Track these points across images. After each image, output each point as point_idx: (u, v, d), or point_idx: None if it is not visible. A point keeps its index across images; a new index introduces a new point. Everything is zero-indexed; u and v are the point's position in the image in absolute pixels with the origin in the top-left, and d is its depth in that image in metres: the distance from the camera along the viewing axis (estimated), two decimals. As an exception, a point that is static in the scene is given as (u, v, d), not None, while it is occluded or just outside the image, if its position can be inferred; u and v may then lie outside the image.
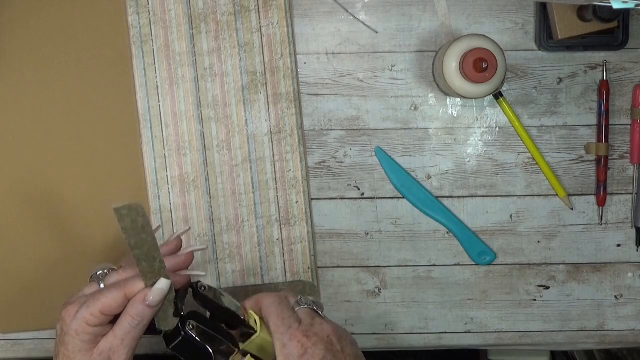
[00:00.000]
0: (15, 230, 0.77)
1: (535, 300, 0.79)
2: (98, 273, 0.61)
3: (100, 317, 0.57)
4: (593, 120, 0.77)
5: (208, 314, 0.61)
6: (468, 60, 0.68)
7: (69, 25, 0.76)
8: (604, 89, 0.76)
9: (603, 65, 0.76)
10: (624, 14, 0.74)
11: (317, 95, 0.78)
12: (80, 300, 0.58)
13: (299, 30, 0.77)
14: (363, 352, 0.82)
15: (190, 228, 0.75)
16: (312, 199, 0.78)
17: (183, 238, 0.68)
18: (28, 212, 0.77)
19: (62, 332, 0.58)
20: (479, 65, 0.67)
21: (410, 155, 0.78)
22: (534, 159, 0.77)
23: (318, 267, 0.79)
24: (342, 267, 0.79)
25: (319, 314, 0.62)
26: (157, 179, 0.77)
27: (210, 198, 0.77)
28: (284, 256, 0.78)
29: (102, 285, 0.60)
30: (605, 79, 0.76)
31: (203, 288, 0.61)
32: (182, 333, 0.58)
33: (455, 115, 0.78)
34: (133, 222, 0.55)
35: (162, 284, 0.58)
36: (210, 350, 0.59)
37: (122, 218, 0.55)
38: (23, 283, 0.77)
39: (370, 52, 0.77)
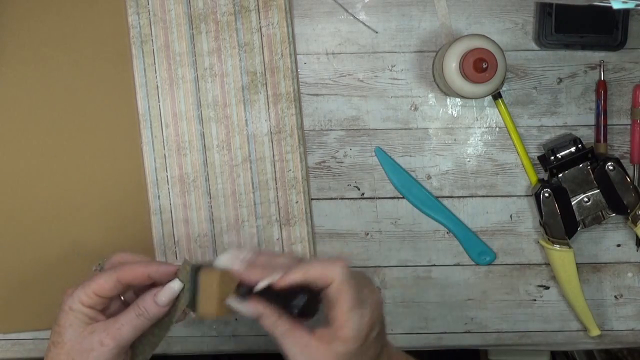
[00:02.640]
0: (15, 230, 0.77)
1: (535, 300, 0.79)
2: (99, 263, 0.63)
3: (94, 298, 0.58)
4: (593, 120, 0.77)
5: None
6: (468, 60, 0.68)
7: (69, 25, 0.76)
8: (602, 88, 0.76)
9: (600, 65, 0.76)
10: (624, 14, 0.74)
11: (317, 95, 0.78)
12: (75, 285, 0.60)
13: (299, 30, 0.77)
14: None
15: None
16: (312, 199, 0.78)
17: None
18: (28, 212, 0.77)
19: (59, 311, 0.59)
20: (479, 65, 0.67)
21: (410, 155, 0.78)
22: (523, 166, 0.77)
23: (318, 267, 0.79)
24: (342, 267, 0.79)
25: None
26: (157, 179, 0.77)
27: (210, 198, 0.77)
28: (284, 256, 0.78)
29: None
30: (602, 79, 0.76)
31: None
32: None
33: (455, 115, 0.78)
34: (185, 280, 0.58)
35: (174, 283, 0.59)
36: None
37: (181, 271, 0.58)
38: (23, 283, 0.77)
39: (370, 52, 0.77)
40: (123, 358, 0.60)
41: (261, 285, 0.57)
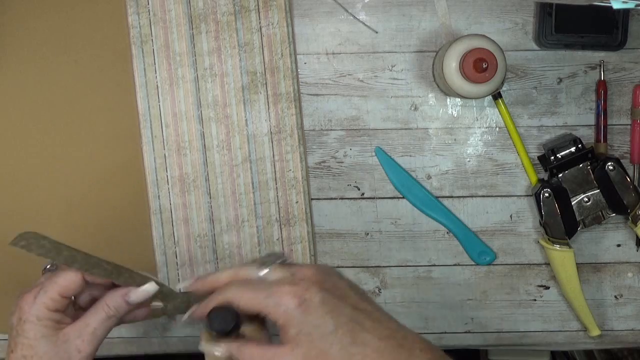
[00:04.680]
0: (15, 230, 0.77)
1: (535, 300, 0.79)
2: (48, 266, 0.61)
3: (60, 301, 0.57)
4: (593, 120, 0.77)
5: None
6: (468, 60, 0.68)
7: (68, 25, 0.76)
8: (602, 89, 0.76)
9: (600, 65, 0.76)
10: (624, 14, 0.74)
11: (317, 95, 0.78)
12: (37, 287, 0.58)
13: (299, 30, 0.77)
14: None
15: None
16: (312, 199, 0.78)
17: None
18: (27, 212, 0.77)
19: (19, 321, 0.57)
20: (479, 65, 0.67)
21: (410, 155, 0.78)
22: (523, 166, 0.77)
23: (318, 267, 0.79)
24: (342, 267, 0.79)
25: (290, 263, 0.57)
26: (157, 179, 0.77)
27: (210, 198, 0.77)
28: (284, 256, 0.78)
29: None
30: (602, 79, 0.76)
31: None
32: None
33: (455, 115, 0.78)
34: (40, 246, 0.57)
35: (150, 286, 0.58)
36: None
37: (29, 247, 0.57)
38: (23, 283, 0.77)
39: (370, 52, 0.77)
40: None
41: (182, 284, 0.58)
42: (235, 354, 0.54)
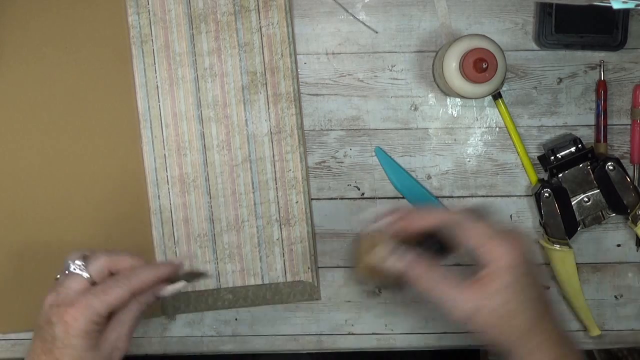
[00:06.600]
0: (15, 230, 0.77)
1: (535, 300, 0.79)
2: (76, 263, 0.60)
3: (108, 311, 0.58)
4: (593, 120, 0.77)
5: None
6: (468, 60, 0.68)
7: (68, 25, 0.76)
8: (602, 89, 0.76)
9: (600, 65, 0.76)
10: (624, 14, 0.74)
11: (317, 95, 0.78)
12: (79, 301, 0.57)
13: (299, 30, 0.77)
14: (363, 352, 0.82)
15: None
16: (312, 199, 0.78)
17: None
18: (28, 212, 0.77)
19: (66, 334, 0.57)
20: (479, 65, 0.67)
21: (410, 155, 0.78)
22: (523, 166, 0.77)
23: (318, 267, 0.79)
24: (342, 267, 0.79)
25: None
26: (157, 179, 0.77)
27: (210, 198, 0.77)
28: (284, 256, 0.78)
29: (85, 275, 0.59)
30: (602, 79, 0.76)
31: None
32: None
33: (455, 115, 0.78)
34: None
35: (180, 285, 0.62)
36: None
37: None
38: (23, 283, 0.77)
39: (370, 52, 0.77)
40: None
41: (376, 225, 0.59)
42: (417, 271, 0.55)
